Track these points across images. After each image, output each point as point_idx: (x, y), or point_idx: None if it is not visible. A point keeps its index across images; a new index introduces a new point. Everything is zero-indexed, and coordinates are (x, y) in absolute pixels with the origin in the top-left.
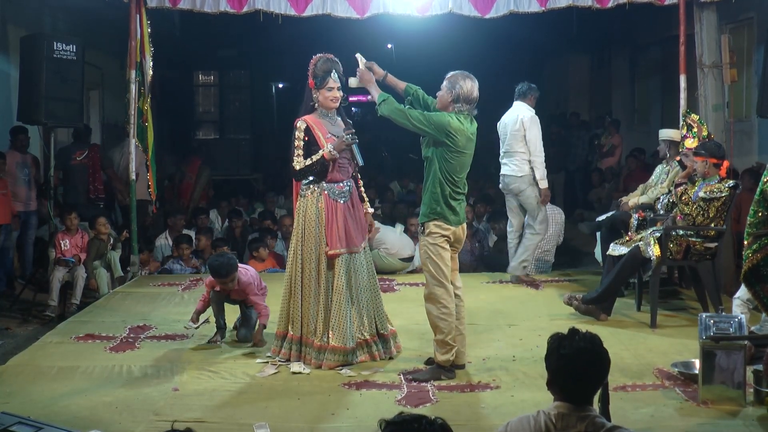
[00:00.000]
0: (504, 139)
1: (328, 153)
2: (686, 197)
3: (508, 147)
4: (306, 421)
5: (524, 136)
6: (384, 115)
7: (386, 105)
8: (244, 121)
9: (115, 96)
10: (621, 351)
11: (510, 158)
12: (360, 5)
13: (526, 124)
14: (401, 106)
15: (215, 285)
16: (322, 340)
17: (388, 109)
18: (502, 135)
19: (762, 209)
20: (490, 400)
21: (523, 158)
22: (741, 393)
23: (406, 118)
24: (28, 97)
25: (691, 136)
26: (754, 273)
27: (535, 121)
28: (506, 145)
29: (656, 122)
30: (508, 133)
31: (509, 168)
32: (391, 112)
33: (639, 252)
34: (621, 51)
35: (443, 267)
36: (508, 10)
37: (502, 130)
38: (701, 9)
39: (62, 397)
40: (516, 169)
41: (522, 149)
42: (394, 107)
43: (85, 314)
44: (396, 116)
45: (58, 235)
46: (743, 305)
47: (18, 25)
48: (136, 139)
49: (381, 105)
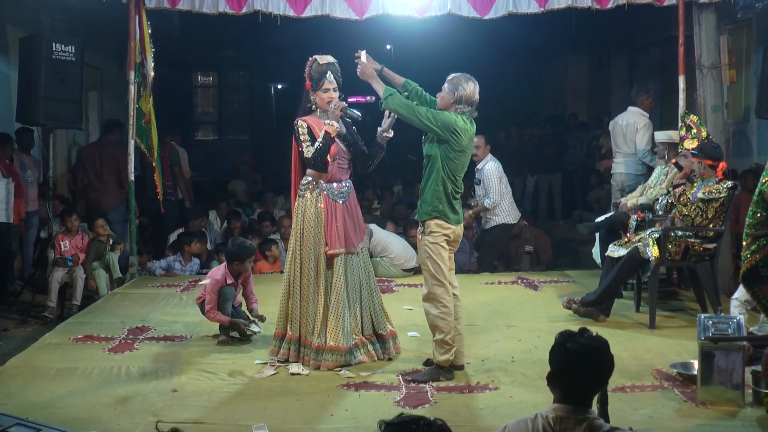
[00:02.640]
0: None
1: (330, 126)
2: (685, 198)
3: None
4: (304, 422)
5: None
6: (390, 109)
7: (393, 99)
8: (243, 122)
9: (114, 97)
10: (620, 352)
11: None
12: (359, 6)
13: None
14: (408, 102)
15: (227, 279)
16: (319, 341)
17: (395, 104)
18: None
19: (761, 210)
20: (489, 401)
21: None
22: (739, 394)
23: (414, 114)
24: (27, 98)
25: (690, 137)
26: (752, 274)
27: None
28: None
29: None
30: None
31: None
32: (398, 106)
33: (638, 253)
34: (620, 52)
35: (443, 266)
36: (507, 11)
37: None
38: (700, 10)
39: (61, 398)
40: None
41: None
42: (402, 102)
43: (83, 315)
44: (403, 111)
45: (58, 236)
46: (742, 306)
47: (17, 25)
48: (136, 139)
49: (387, 99)
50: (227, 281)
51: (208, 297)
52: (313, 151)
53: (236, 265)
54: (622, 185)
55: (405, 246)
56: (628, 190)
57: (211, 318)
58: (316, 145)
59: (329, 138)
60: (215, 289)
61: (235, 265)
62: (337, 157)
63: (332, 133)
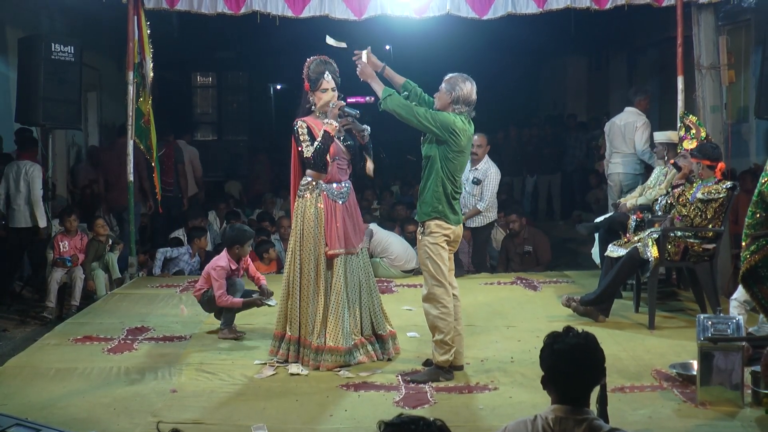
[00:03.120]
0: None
1: (329, 125)
2: (684, 198)
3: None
4: (304, 423)
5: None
6: (388, 109)
7: (391, 100)
8: (242, 122)
9: (113, 97)
10: (619, 352)
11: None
12: (357, 7)
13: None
14: (406, 102)
15: (230, 264)
16: (319, 341)
17: (394, 104)
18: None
19: (760, 210)
20: (488, 402)
21: None
22: (739, 394)
23: (413, 115)
24: (26, 99)
25: (689, 137)
26: (752, 274)
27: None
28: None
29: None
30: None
31: None
32: (397, 107)
33: (637, 253)
34: (619, 52)
35: (443, 267)
36: (506, 12)
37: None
38: (699, 10)
39: (60, 399)
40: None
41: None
42: (401, 102)
43: (82, 316)
44: (402, 111)
45: (58, 236)
46: (741, 306)
47: (16, 26)
48: (136, 139)
49: (386, 99)
50: (231, 267)
51: (218, 283)
52: (313, 150)
53: (236, 249)
54: (621, 185)
55: (405, 247)
56: (626, 189)
57: (223, 303)
58: (315, 144)
59: (328, 137)
60: (222, 275)
61: (235, 249)
62: (337, 158)
63: (331, 132)
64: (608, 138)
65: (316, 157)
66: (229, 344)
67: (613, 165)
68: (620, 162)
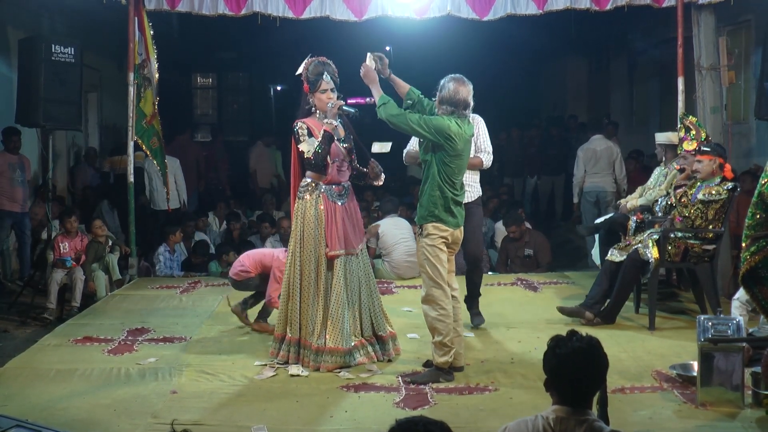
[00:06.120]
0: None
1: (328, 125)
2: (686, 199)
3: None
4: (304, 424)
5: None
6: (383, 118)
7: (385, 108)
8: (242, 123)
9: (113, 98)
10: (619, 353)
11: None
12: (358, 8)
13: None
14: (400, 110)
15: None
16: (319, 342)
17: (387, 113)
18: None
19: (760, 211)
20: (489, 403)
21: None
22: (739, 395)
23: (406, 122)
24: (26, 100)
25: (689, 138)
26: (752, 275)
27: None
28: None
29: (654, 124)
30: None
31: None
32: (390, 115)
33: (637, 255)
34: (619, 53)
35: (441, 269)
36: (506, 13)
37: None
38: (699, 11)
39: (60, 400)
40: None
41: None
42: (394, 111)
43: (83, 317)
44: (395, 120)
45: (58, 237)
46: (741, 307)
47: (16, 27)
48: (137, 139)
49: (380, 108)
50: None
51: (278, 285)
52: (313, 150)
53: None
54: (598, 198)
55: (408, 256)
56: (604, 205)
57: (276, 304)
58: (316, 145)
59: (328, 137)
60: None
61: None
62: (337, 159)
63: (331, 132)
64: (584, 161)
65: (317, 158)
66: (230, 345)
67: (594, 183)
68: (600, 181)
